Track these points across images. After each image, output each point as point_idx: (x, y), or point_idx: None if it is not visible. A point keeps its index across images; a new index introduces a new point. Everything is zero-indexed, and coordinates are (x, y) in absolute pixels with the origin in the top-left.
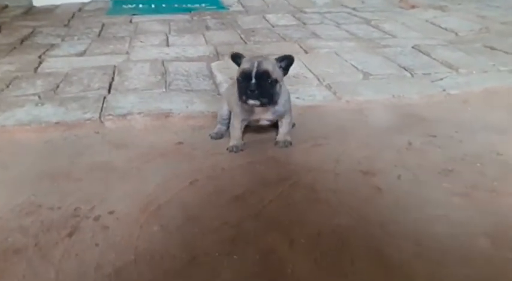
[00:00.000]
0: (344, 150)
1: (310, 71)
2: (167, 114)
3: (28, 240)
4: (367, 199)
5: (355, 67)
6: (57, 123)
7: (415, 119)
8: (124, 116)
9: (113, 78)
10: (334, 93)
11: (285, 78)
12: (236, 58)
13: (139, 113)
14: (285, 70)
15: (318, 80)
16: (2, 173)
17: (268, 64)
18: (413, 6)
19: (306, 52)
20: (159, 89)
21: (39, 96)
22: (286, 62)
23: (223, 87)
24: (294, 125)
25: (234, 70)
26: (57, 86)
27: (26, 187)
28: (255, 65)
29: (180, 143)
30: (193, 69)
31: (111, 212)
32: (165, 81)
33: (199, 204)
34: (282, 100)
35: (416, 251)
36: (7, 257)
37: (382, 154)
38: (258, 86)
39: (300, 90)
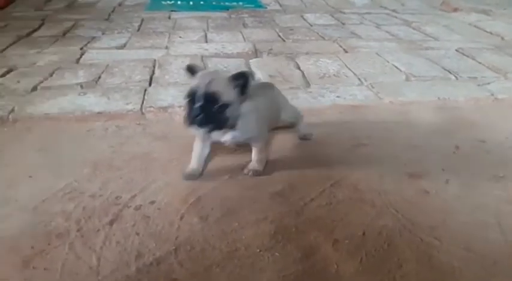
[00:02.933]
0: (388, 151)
1: (350, 70)
2: None
3: (70, 225)
4: (414, 201)
5: (397, 68)
6: (99, 113)
7: (462, 122)
8: (165, 108)
9: (153, 72)
10: (376, 93)
11: (326, 76)
12: (191, 71)
13: (180, 107)
14: (242, 89)
15: (359, 79)
16: (46, 158)
17: (218, 85)
18: (455, 10)
19: (346, 51)
20: None
21: (81, 86)
22: (242, 81)
23: None
24: (309, 137)
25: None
26: (99, 77)
27: (69, 173)
28: (203, 84)
29: None
30: (232, 66)
31: (152, 202)
32: None
33: (238, 198)
34: (243, 124)
35: (467, 257)
36: (50, 240)
37: (428, 156)
38: (204, 110)
39: (340, 89)
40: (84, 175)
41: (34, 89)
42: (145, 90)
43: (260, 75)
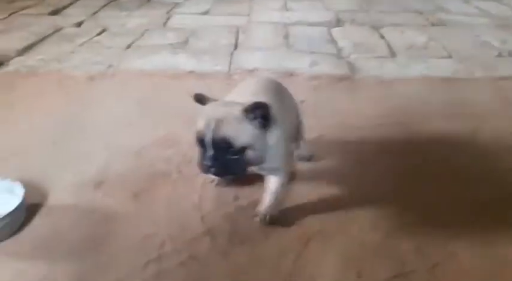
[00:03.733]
0: (484, 122)
1: (439, 43)
2: (291, 73)
3: (172, 168)
4: None
5: (489, 43)
6: (190, 72)
7: None
8: (251, 71)
9: (237, 37)
10: (467, 67)
11: (413, 47)
12: (200, 100)
13: (265, 70)
14: (264, 120)
15: (448, 52)
16: (143, 110)
17: (228, 126)
18: None
19: (434, 25)
20: (283, 50)
21: (172, 47)
22: (260, 112)
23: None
24: (311, 158)
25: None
26: (187, 40)
27: (165, 124)
28: (211, 128)
29: (302, 101)
30: (315, 34)
31: None
32: (288, 43)
33: (328, 156)
34: (272, 156)
35: None
36: (155, 180)
37: None
38: (216, 158)
39: (429, 62)
40: (180, 126)
41: (128, 47)
42: (231, 53)
43: (343, 44)
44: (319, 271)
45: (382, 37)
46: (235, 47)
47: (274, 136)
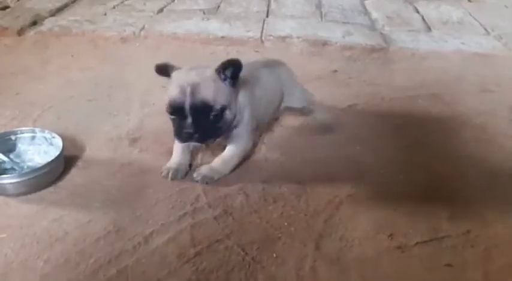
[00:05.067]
0: None
1: (475, 19)
2: (324, 42)
3: None
4: None
5: None
6: (222, 37)
7: None
8: (283, 38)
9: (269, 4)
10: (505, 44)
11: (449, 22)
12: (163, 71)
13: (298, 38)
14: (234, 80)
15: (485, 29)
16: None
17: (206, 88)
18: None
19: (470, 1)
20: (315, 19)
21: (203, 12)
22: (232, 69)
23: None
24: (331, 128)
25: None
26: (219, 6)
27: None
28: (188, 93)
29: (335, 71)
30: (348, 4)
31: (275, 118)
32: (321, 12)
33: (361, 125)
34: (238, 120)
35: None
36: None
37: None
38: (197, 124)
39: (465, 37)
40: None
41: (160, 11)
42: (263, 20)
43: (376, 15)
44: (351, 233)
45: (417, 11)
46: (267, 14)
47: (243, 99)
